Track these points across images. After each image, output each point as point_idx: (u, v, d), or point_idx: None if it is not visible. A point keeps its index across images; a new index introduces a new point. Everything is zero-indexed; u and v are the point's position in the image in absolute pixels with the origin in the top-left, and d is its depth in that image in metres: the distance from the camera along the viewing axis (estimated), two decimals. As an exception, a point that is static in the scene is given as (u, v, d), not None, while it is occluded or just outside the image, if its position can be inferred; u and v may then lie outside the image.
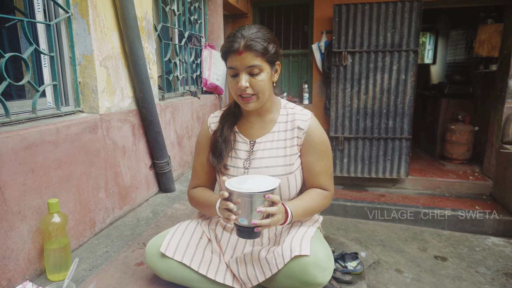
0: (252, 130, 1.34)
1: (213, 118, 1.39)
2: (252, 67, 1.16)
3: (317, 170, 1.30)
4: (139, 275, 1.38)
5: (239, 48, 1.15)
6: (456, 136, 4.56)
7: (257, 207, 1.06)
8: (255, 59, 1.16)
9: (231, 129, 1.34)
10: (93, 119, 1.65)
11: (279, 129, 1.32)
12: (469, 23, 5.22)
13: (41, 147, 1.35)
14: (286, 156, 1.29)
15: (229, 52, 1.18)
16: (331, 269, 1.16)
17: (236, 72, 1.19)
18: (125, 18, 1.76)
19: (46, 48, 1.55)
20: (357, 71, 4.12)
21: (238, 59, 1.16)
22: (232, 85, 1.22)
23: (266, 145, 1.31)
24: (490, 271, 2.83)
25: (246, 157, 1.31)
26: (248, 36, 1.16)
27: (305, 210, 1.24)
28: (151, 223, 1.86)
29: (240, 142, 1.34)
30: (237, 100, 1.25)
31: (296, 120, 1.30)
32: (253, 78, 1.18)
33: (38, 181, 1.35)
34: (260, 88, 1.19)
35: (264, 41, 1.17)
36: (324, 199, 1.30)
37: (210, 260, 1.26)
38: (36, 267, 1.35)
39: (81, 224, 1.60)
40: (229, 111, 1.36)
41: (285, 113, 1.34)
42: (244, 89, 1.18)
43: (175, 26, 2.72)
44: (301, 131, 1.29)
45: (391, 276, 2.79)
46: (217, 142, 1.31)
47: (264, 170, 1.28)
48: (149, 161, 2.18)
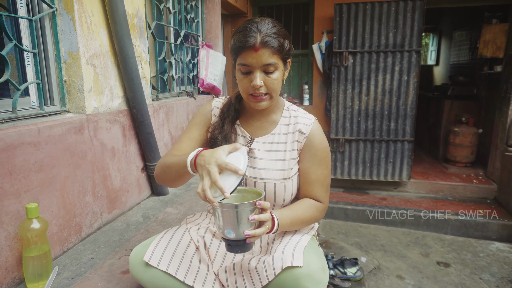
0: (252, 129, 1.27)
1: (218, 102, 1.31)
2: (268, 65, 1.08)
3: (313, 178, 1.22)
4: (124, 284, 1.30)
5: (256, 44, 1.06)
6: (459, 139, 4.46)
7: (249, 216, 0.98)
8: (271, 57, 1.08)
9: (232, 124, 1.27)
10: (79, 119, 1.58)
11: (280, 131, 1.25)
12: (473, 23, 5.13)
13: (20, 148, 1.28)
14: (285, 160, 1.22)
15: (243, 48, 1.08)
16: (325, 282, 1.08)
17: (250, 69, 1.10)
18: (114, 14, 1.69)
19: (29, 45, 1.48)
20: (358, 72, 4.03)
21: (254, 56, 1.07)
22: (244, 83, 1.13)
23: (265, 146, 1.24)
24: (495, 278, 2.74)
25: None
26: (264, 31, 1.06)
27: (294, 220, 1.15)
28: (141, 228, 1.78)
29: (240, 136, 1.27)
30: (246, 99, 1.17)
31: (298, 124, 1.23)
32: (268, 76, 1.10)
33: (17, 184, 1.27)
34: (274, 87, 1.12)
35: (281, 37, 1.09)
36: (316, 211, 1.21)
37: (198, 269, 1.19)
38: (14, 275, 1.28)
39: (65, 230, 1.52)
40: (230, 106, 1.29)
41: (287, 115, 1.27)
42: (258, 88, 1.10)
43: (171, 24, 2.65)
44: (302, 135, 1.22)
45: (392, 282, 2.70)
46: (217, 139, 1.24)
47: (261, 171, 1.21)
48: (141, 163, 2.11)
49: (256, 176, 1.21)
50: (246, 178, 1.23)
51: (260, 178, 1.21)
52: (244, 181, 1.23)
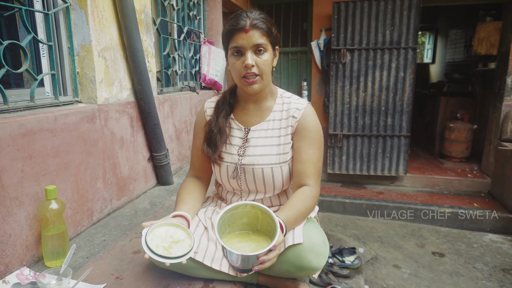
0: (248, 118, 1.34)
1: (210, 103, 1.40)
2: (258, 45, 1.18)
3: (304, 157, 1.27)
4: (136, 262, 1.38)
5: (246, 26, 1.16)
6: (455, 134, 4.57)
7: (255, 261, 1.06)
8: (261, 38, 1.18)
9: (226, 118, 1.34)
10: (91, 109, 1.66)
11: (274, 118, 1.32)
12: (469, 21, 5.23)
13: (39, 134, 1.36)
14: (280, 145, 1.29)
15: (234, 30, 1.18)
16: (326, 254, 1.17)
17: (241, 51, 1.19)
18: (124, 9, 1.77)
19: (44, 38, 1.56)
20: (356, 69, 4.13)
21: (244, 37, 1.17)
22: (236, 66, 1.21)
23: (261, 133, 1.31)
24: (488, 267, 2.84)
25: (241, 144, 1.31)
26: (253, 16, 1.18)
27: (297, 217, 1.20)
28: (149, 214, 1.86)
29: (235, 129, 1.34)
30: (239, 83, 1.25)
31: (291, 109, 1.30)
32: (259, 57, 1.19)
33: (36, 168, 1.35)
34: (265, 68, 1.20)
35: (268, 23, 1.21)
36: (311, 199, 1.25)
37: (206, 247, 1.27)
38: (33, 253, 1.36)
39: (78, 213, 1.60)
40: (224, 100, 1.36)
41: (281, 102, 1.34)
42: (250, 68, 1.18)
43: (174, 21, 2.73)
44: (294, 119, 1.29)
45: (389, 271, 2.80)
46: (212, 132, 1.32)
47: (257, 158, 1.28)
48: (147, 154, 2.19)
49: (254, 163, 1.28)
50: (244, 167, 1.29)
51: (258, 164, 1.28)
52: (243, 169, 1.29)
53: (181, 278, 1.26)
